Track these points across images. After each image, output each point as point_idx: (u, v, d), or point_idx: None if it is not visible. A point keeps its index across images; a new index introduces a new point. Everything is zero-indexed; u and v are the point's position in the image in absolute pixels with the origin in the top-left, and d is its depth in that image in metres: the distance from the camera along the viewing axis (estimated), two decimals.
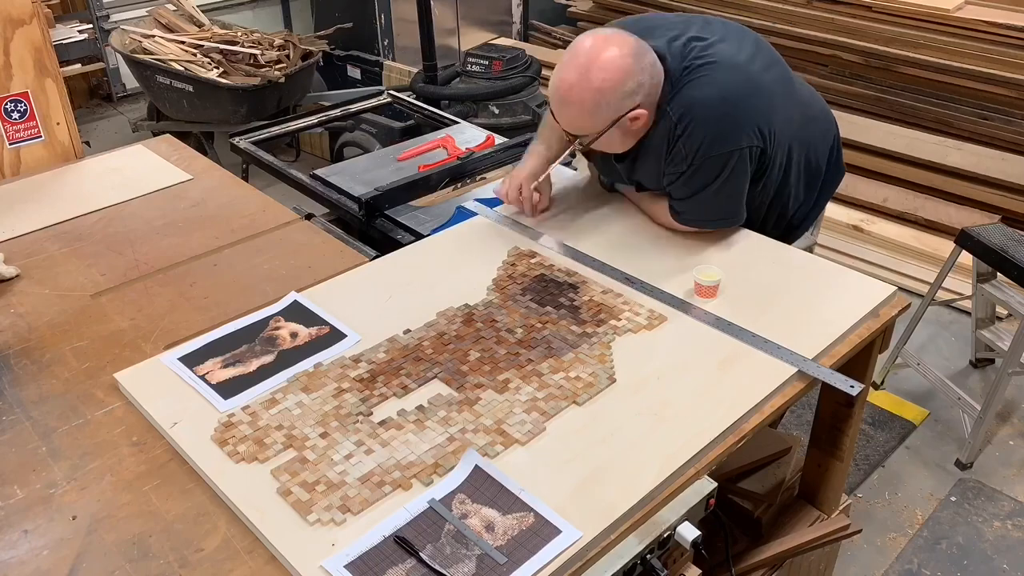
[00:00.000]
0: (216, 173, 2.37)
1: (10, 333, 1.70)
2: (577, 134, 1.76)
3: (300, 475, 1.30)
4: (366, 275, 1.83)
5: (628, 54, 1.67)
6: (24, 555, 1.21)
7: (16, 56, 2.28)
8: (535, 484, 1.27)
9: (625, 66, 1.66)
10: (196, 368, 1.54)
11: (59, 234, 2.05)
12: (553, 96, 1.73)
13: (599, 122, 1.70)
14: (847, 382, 1.49)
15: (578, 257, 1.84)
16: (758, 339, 1.57)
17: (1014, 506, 2.56)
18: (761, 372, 1.50)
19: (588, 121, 1.71)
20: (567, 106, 1.71)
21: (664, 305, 1.68)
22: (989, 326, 3.00)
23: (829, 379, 1.50)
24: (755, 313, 1.64)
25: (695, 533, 1.27)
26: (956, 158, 3.87)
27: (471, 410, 1.42)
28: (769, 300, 1.69)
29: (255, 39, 4.45)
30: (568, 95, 1.69)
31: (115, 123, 5.26)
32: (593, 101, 1.66)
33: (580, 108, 1.69)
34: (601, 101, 1.66)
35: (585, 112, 1.69)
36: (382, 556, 1.16)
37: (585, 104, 1.67)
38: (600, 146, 1.79)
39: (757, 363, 1.52)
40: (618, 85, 1.66)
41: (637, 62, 1.67)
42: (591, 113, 1.69)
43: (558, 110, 1.74)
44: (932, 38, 4.17)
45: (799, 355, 1.52)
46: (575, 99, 1.68)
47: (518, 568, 1.14)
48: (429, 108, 3.30)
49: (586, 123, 1.72)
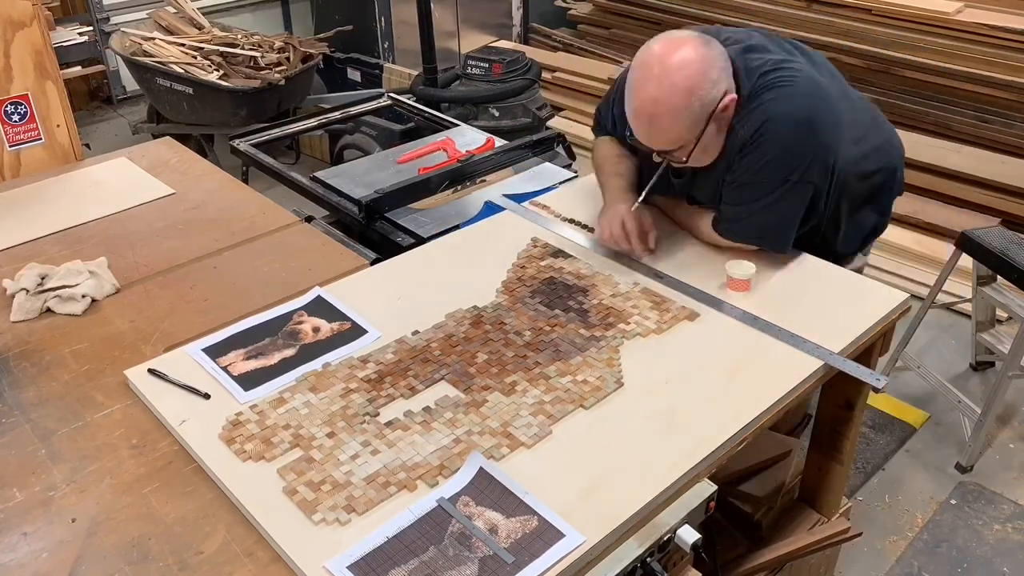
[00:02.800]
0: (216, 175, 2.37)
1: (10, 335, 1.69)
2: (672, 148, 1.64)
3: (306, 474, 1.30)
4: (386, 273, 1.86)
5: (699, 44, 1.59)
6: (23, 558, 1.21)
7: (16, 58, 2.28)
8: (540, 488, 1.27)
9: (702, 55, 1.57)
10: (219, 359, 1.56)
11: (59, 237, 2.05)
12: (636, 115, 1.62)
13: (697, 123, 1.59)
14: (872, 375, 1.52)
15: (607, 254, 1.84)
16: (784, 333, 1.58)
17: (1014, 509, 2.56)
18: (782, 367, 1.51)
19: (685, 127, 1.59)
20: (658, 121, 1.59)
21: (694, 301, 1.69)
22: (989, 329, 3.00)
23: (855, 372, 1.52)
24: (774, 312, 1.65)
25: (695, 536, 1.26)
26: (956, 161, 3.87)
27: (477, 412, 1.42)
28: (785, 302, 1.69)
29: (255, 42, 4.45)
30: (654, 108, 1.58)
31: (115, 125, 5.26)
32: (686, 104, 1.56)
33: (674, 117, 1.58)
34: (694, 99, 1.56)
35: (680, 118, 1.58)
36: (385, 557, 1.16)
37: (679, 110, 1.57)
38: (696, 157, 1.67)
39: (778, 358, 1.53)
40: (704, 76, 1.57)
41: (710, 47, 1.60)
42: (686, 116, 1.58)
43: (649, 130, 1.62)
44: (932, 41, 4.18)
45: (824, 348, 1.54)
46: (666, 109, 1.57)
47: (520, 572, 1.14)
48: (429, 111, 3.30)
49: (683, 130, 1.60)
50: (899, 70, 4.30)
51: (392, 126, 3.54)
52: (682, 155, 1.66)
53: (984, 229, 2.76)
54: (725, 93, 1.61)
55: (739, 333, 1.61)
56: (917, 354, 3.07)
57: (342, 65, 5.06)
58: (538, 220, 2.00)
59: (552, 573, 1.15)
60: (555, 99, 4.99)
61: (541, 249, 1.88)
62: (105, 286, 1.81)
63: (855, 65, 4.43)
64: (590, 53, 5.51)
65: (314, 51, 4.49)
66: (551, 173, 2.55)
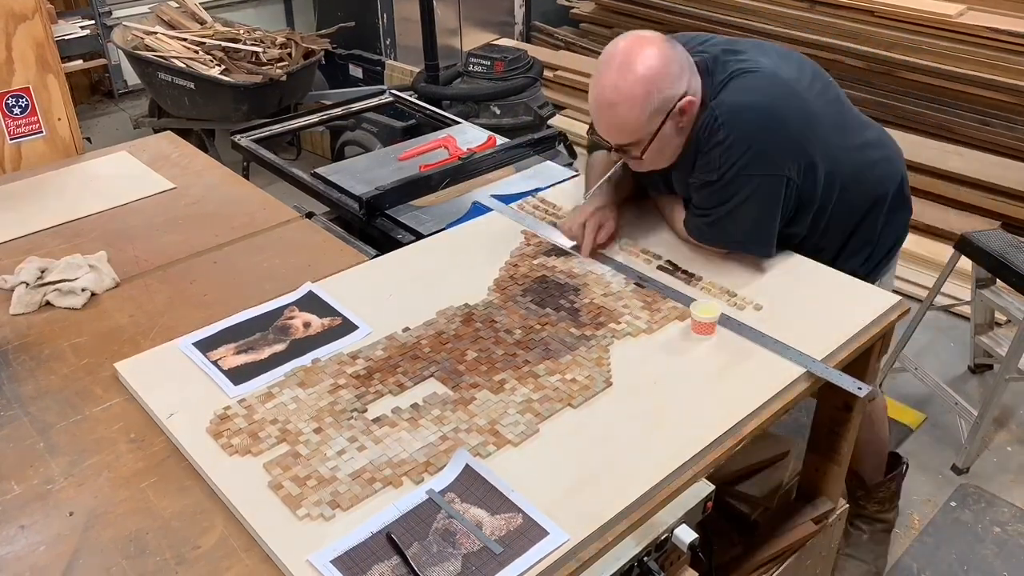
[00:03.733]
0: (217, 171, 2.37)
1: (9, 328, 1.69)
2: (627, 143, 1.64)
3: (292, 469, 1.31)
4: (379, 269, 1.86)
5: (663, 41, 1.59)
6: (21, 550, 1.21)
7: (18, 51, 2.28)
8: (525, 486, 1.27)
9: (666, 51, 1.58)
10: (209, 353, 1.56)
11: (60, 230, 2.05)
12: (597, 103, 1.61)
13: (654, 116, 1.58)
14: (854, 383, 1.49)
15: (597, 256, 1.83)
16: (768, 339, 1.57)
17: (1013, 512, 2.56)
18: (767, 373, 1.50)
19: (640, 117, 1.58)
20: (613, 107, 1.58)
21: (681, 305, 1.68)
22: (988, 332, 2.99)
23: (837, 380, 1.50)
24: (762, 316, 1.65)
25: (692, 536, 1.27)
26: (957, 163, 3.87)
27: (465, 410, 1.42)
28: (775, 305, 1.68)
29: (257, 37, 4.45)
30: (614, 95, 1.57)
31: (116, 119, 5.26)
32: (644, 90, 1.55)
33: (630, 103, 1.56)
34: (651, 89, 1.55)
35: (636, 106, 1.56)
36: (368, 552, 1.17)
37: (635, 97, 1.55)
38: (651, 157, 1.66)
39: (763, 364, 1.52)
40: (664, 68, 1.56)
41: (674, 48, 1.60)
42: (642, 106, 1.56)
43: (604, 118, 1.61)
44: (934, 43, 4.17)
45: (808, 355, 1.52)
46: (623, 95, 1.56)
47: (503, 569, 1.14)
48: (431, 108, 3.30)
49: (638, 121, 1.58)
50: (901, 72, 4.29)
51: (393, 123, 3.54)
52: (637, 151, 1.64)
53: (984, 232, 2.76)
54: (684, 94, 1.60)
55: (727, 336, 1.60)
56: (915, 356, 3.07)
57: (344, 61, 5.06)
58: (524, 221, 1.99)
59: (535, 571, 1.15)
60: (557, 97, 4.99)
61: (534, 247, 1.89)
62: (105, 280, 1.81)
63: (856, 67, 4.43)
64: (592, 52, 5.50)
65: (316, 47, 4.48)
66: (552, 172, 2.55)
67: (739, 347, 1.57)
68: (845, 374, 1.51)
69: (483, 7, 5.61)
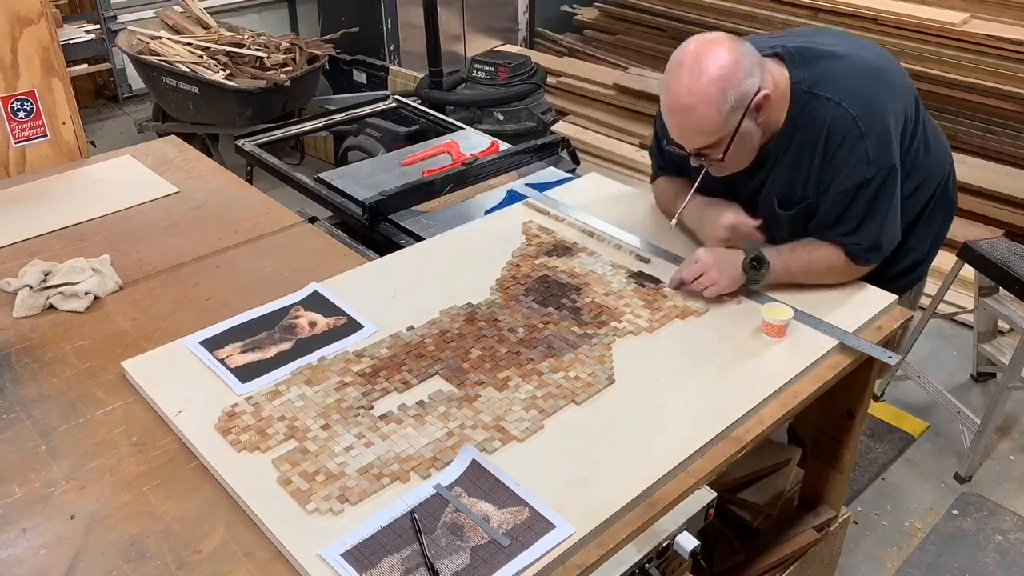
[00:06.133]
0: (220, 175, 2.37)
1: (12, 331, 1.70)
2: (707, 145, 1.61)
3: (300, 465, 1.31)
4: (383, 269, 1.87)
5: (730, 39, 1.58)
6: (22, 554, 1.21)
7: (24, 55, 2.28)
8: (531, 480, 1.28)
9: (735, 48, 1.56)
10: (216, 352, 1.57)
11: (63, 233, 2.05)
12: (672, 108, 1.59)
13: (730, 115, 1.55)
14: (885, 353, 1.57)
15: None
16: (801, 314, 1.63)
17: (1015, 521, 2.55)
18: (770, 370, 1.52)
19: (718, 116, 1.54)
20: (691, 110, 1.55)
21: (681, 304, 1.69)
22: (991, 340, 2.99)
23: (869, 351, 1.57)
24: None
25: (694, 543, 1.26)
26: (961, 172, 3.83)
27: (471, 406, 1.43)
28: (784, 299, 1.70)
29: (262, 42, 4.46)
30: (689, 98, 1.54)
31: (120, 123, 5.28)
32: (719, 89, 1.52)
33: (707, 104, 1.53)
34: (726, 87, 1.53)
35: (713, 106, 1.53)
36: (378, 546, 1.17)
37: (711, 96, 1.53)
38: (733, 156, 1.62)
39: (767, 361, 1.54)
40: (736, 65, 1.54)
41: (742, 44, 1.59)
42: (719, 104, 1.53)
43: (682, 121, 1.59)
44: (938, 52, 4.18)
45: (840, 328, 1.59)
46: (699, 96, 1.53)
47: (511, 561, 1.15)
48: (434, 113, 3.31)
49: (717, 120, 1.55)
50: None
51: (397, 128, 3.54)
52: (718, 152, 1.61)
53: (987, 240, 2.76)
54: (760, 89, 1.58)
55: (729, 333, 1.61)
56: (918, 364, 3.07)
57: (348, 67, 5.07)
58: (559, 207, 2.02)
59: (543, 562, 1.16)
60: (560, 104, 5.00)
61: (535, 247, 1.89)
62: (108, 284, 1.82)
63: None
64: (595, 58, 5.52)
65: (320, 52, 4.49)
66: (555, 177, 2.55)
67: (741, 344, 1.58)
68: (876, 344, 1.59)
69: (487, 13, 5.62)
